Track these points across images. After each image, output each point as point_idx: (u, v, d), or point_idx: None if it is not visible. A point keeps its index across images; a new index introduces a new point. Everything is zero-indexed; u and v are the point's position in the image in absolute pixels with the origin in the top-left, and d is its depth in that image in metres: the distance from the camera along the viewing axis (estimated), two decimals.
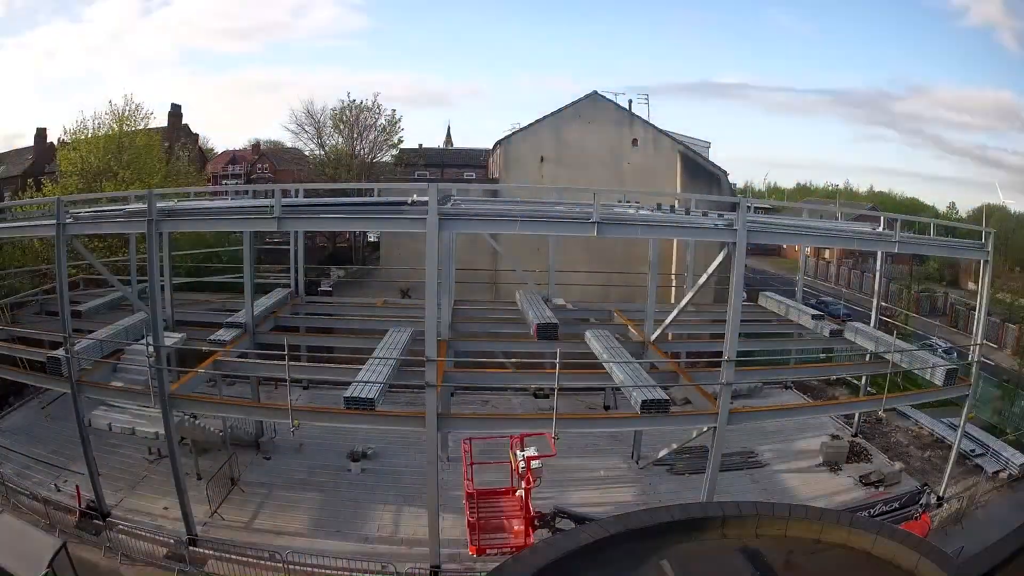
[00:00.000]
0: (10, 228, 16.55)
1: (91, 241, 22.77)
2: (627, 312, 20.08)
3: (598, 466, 16.45)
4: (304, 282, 22.31)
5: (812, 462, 17.43)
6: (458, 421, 13.71)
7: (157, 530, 13.49)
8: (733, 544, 2.39)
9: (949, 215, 65.84)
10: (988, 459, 17.84)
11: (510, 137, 29.63)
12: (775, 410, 13.77)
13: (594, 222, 12.10)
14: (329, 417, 13.02)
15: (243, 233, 18.21)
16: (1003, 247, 37.07)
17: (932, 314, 37.82)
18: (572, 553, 2.36)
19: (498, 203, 18.63)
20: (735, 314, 12.78)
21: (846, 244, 20.99)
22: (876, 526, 2.51)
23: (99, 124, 28.41)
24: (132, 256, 18.89)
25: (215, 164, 56.83)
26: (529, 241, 22.64)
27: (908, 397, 16.76)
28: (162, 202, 13.78)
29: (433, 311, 12.42)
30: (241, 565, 12.69)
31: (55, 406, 17.71)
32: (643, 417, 12.67)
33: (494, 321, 19.68)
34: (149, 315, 13.41)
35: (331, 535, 13.53)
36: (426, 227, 11.53)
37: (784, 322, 19.52)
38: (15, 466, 15.61)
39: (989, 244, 15.38)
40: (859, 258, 50.45)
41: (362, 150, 40.92)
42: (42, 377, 14.68)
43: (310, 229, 25.87)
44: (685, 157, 28.66)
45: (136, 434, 14.08)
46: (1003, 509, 15.79)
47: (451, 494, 13.77)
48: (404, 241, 24.51)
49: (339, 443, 16.78)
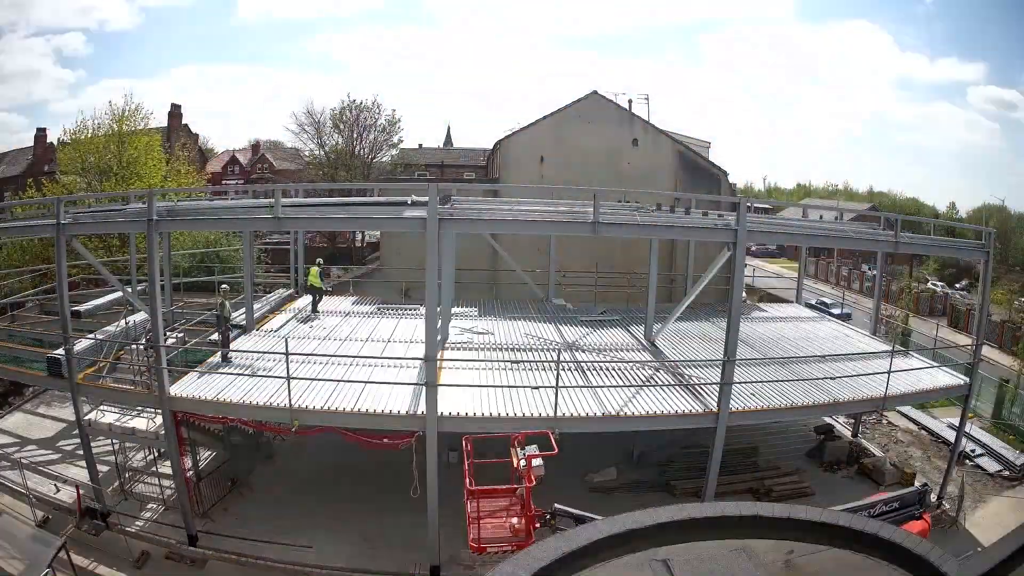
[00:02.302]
0: (10, 228, 16.56)
1: (91, 241, 22.79)
2: (627, 312, 20.13)
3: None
4: (304, 282, 22.31)
5: (812, 462, 17.46)
6: (458, 421, 13.70)
7: (157, 530, 13.50)
8: (733, 544, 2.38)
9: (949, 215, 65.86)
10: (988, 459, 17.86)
11: (510, 137, 29.63)
12: (775, 410, 13.76)
13: (594, 222, 12.10)
14: (328, 417, 12.99)
15: (243, 233, 18.23)
16: (1002, 248, 37.18)
17: (932, 314, 37.87)
18: (572, 553, 2.36)
19: (498, 203, 18.62)
20: (735, 314, 12.79)
21: (846, 244, 21.03)
22: (876, 526, 2.50)
23: (99, 124, 28.47)
24: (132, 256, 18.90)
25: (215, 164, 56.84)
26: (529, 241, 22.65)
27: (908, 397, 16.76)
28: (162, 202, 13.78)
29: (433, 311, 12.43)
30: (241, 565, 12.71)
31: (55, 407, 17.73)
32: (643, 417, 12.69)
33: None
34: (149, 315, 13.41)
35: (331, 535, 13.52)
36: (426, 227, 11.53)
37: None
38: (15, 466, 15.61)
39: (989, 244, 15.42)
40: (858, 258, 50.52)
41: (362, 150, 40.99)
42: (42, 377, 14.71)
43: (310, 229, 25.92)
44: (685, 157, 28.67)
45: (136, 434, 14.07)
46: (1003, 509, 15.80)
47: (451, 494, 13.76)
48: (404, 241, 24.51)
49: (340, 443, 16.75)
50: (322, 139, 41.48)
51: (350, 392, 12.94)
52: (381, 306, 20.70)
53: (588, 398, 12.98)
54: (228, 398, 12.70)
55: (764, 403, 13.44)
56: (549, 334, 17.72)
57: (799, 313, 22.10)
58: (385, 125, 40.96)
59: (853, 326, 21.39)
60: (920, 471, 17.44)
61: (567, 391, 12.84)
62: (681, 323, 18.35)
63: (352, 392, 12.94)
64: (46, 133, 44.67)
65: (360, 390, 12.98)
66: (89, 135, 28.11)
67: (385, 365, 14.30)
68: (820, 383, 14.28)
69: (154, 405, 13.24)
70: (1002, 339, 31.06)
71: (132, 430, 13.99)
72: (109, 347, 14.95)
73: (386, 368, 14.30)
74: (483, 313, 20.03)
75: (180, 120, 45.69)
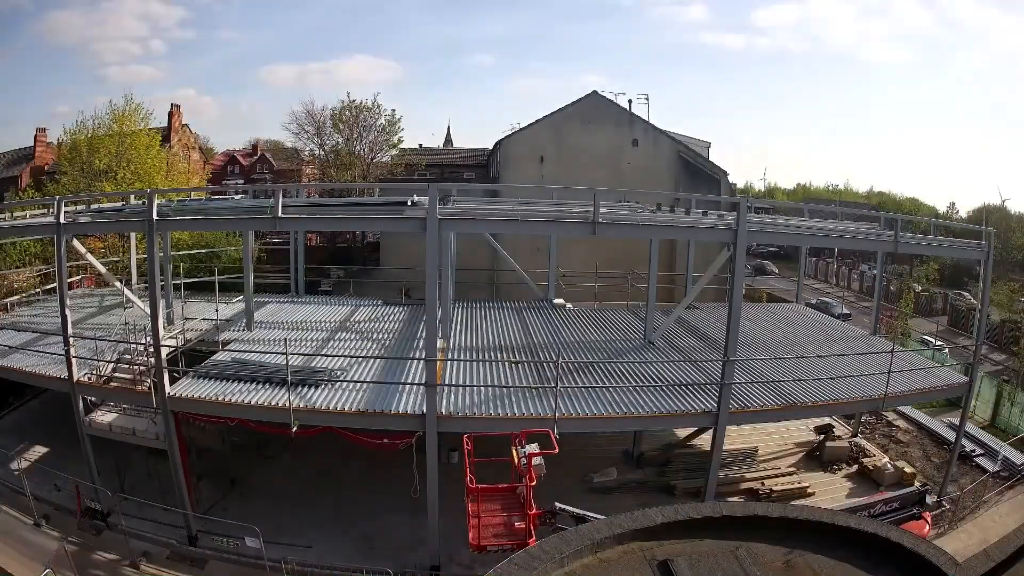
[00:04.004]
0: (10, 228, 16.55)
1: (91, 241, 22.78)
2: (627, 312, 20.12)
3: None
4: (304, 282, 22.32)
5: (812, 462, 17.45)
6: (458, 420, 13.69)
7: (157, 530, 13.49)
8: (733, 544, 2.39)
9: (949, 215, 65.83)
10: (988, 459, 17.85)
11: (510, 137, 29.64)
12: (775, 410, 13.75)
13: (594, 222, 12.10)
14: (328, 418, 12.98)
15: (243, 233, 18.23)
16: (1001, 248, 37.12)
17: (931, 315, 37.86)
18: (571, 553, 2.37)
19: (498, 203, 18.63)
20: (735, 314, 12.79)
21: (846, 244, 21.04)
22: (876, 526, 2.51)
23: (99, 124, 28.46)
24: (132, 256, 18.89)
25: (215, 164, 56.82)
26: (529, 241, 22.68)
27: (908, 397, 16.76)
28: (162, 202, 13.78)
29: (433, 311, 12.42)
30: (241, 565, 12.70)
31: (54, 405, 17.69)
32: (642, 417, 12.69)
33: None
34: (149, 315, 13.41)
35: (331, 535, 13.52)
36: (426, 227, 11.53)
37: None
38: (15, 466, 15.60)
39: (989, 244, 15.41)
40: (858, 259, 50.50)
41: (362, 150, 40.99)
42: (42, 377, 14.70)
43: (310, 229, 25.93)
44: (685, 157, 28.69)
45: (136, 434, 14.05)
46: (1003, 509, 15.80)
47: (452, 494, 13.75)
48: (404, 241, 24.51)
49: (340, 442, 16.74)
50: (322, 139, 41.47)
51: (350, 392, 12.95)
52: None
53: (588, 398, 12.98)
54: (228, 398, 12.71)
55: (764, 403, 13.44)
56: (549, 334, 17.71)
57: (799, 313, 22.11)
58: (385, 125, 40.95)
59: (853, 325, 21.40)
60: (920, 471, 17.44)
61: (567, 391, 12.83)
62: (681, 323, 18.35)
63: (352, 392, 12.95)
64: (46, 133, 44.62)
65: (360, 390, 13.00)
66: (89, 135, 28.12)
67: (385, 365, 14.32)
68: (820, 383, 14.27)
69: (154, 405, 13.23)
70: (1002, 339, 31.06)
71: (132, 430, 13.98)
72: (110, 347, 14.94)
73: (386, 368, 14.32)
74: (483, 312, 20.02)
75: (180, 120, 45.63)
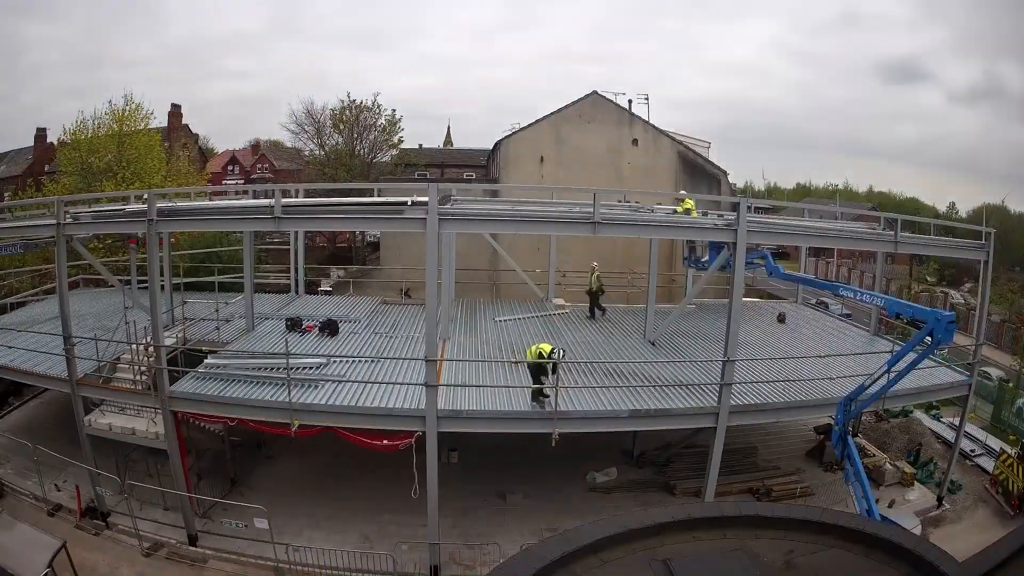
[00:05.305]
0: (10, 228, 16.54)
1: (91, 241, 22.76)
2: (627, 312, 20.12)
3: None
4: (304, 282, 22.31)
5: (812, 462, 17.45)
6: (458, 420, 13.70)
7: (157, 530, 13.49)
8: (733, 544, 2.39)
9: (949, 215, 65.84)
10: (988, 459, 17.85)
11: (510, 137, 29.63)
12: (775, 410, 13.75)
13: (593, 222, 12.10)
14: (328, 418, 12.99)
15: (243, 233, 18.22)
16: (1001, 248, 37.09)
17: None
18: (571, 553, 2.37)
19: (498, 203, 18.61)
20: (735, 314, 12.78)
21: (846, 244, 21.02)
22: (876, 526, 2.52)
23: (99, 124, 28.43)
24: (132, 256, 18.87)
25: (215, 164, 56.87)
26: (529, 241, 22.66)
27: (908, 396, 16.76)
28: (162, 202, 13.77)
29: (433, 311, 12.42)
30: (241, 565, 12.70)
31: (54, 405, 17.70)
32: (643, 417, 12.69)
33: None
34: (149, 315, 13.41)
35: (331, 535, 13.52)
36: (426, 227, 11.52)
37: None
38: (15, 466, 15.61)
39: (989, 244, 15.41)
40: (857, 259, 50.51)
41: (362, 150, 40.98)
42: (42, 377, 14.70)
43: (310, 229, 25.91)
44: (685, 157, 28.68)
45: (136, 434, 14.06)
46: (1003, 509, 15.81)
47: (451, 494, 13.77)
48: (404, 241, 24.51)
49: (340, 442, 16.74)
50: (322, 139, 41.47)
51: (350, 392, 12.96)
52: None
53: (588, 398, 12.98)
54: (228, 398, 12.72)
55: (764, 403, 13.43)
56: (549, 334, 17.71)
57: (799, 313, 22.11)
58: (385, 125, 40.94)
59: (853, 323, 21.40)
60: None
61: (567, 391, 12.83)
62: (681, 323, 18.35)
63: (352, 392, 12.95)
64: (46, 133, 44.62)
65: (360, 390, 13.00)
66: (89, 135, 28.09)
67: (385, 365, 14.32)
68: (820, 382, 14.27)
69: (154, 405, 13.24)
70: (1002, 339, 31.08)
71: (132, 430, 13.98)
72: (110, 347, 14.94)
73: (386, 368, 14.32)
74: (483, 312, 20.03)
75: (180, 120, 45.63)
